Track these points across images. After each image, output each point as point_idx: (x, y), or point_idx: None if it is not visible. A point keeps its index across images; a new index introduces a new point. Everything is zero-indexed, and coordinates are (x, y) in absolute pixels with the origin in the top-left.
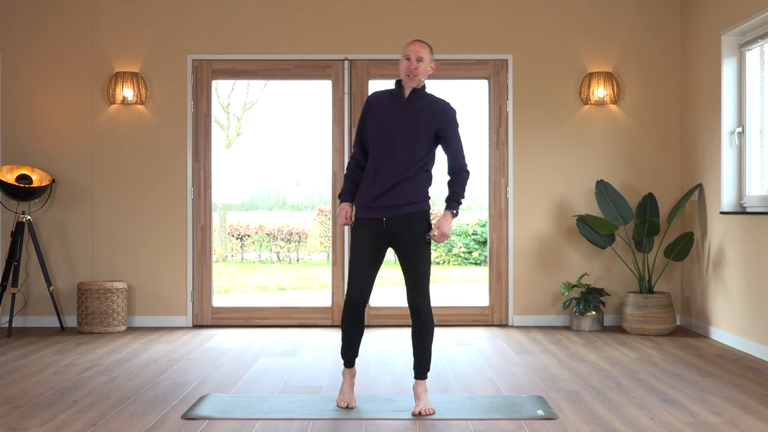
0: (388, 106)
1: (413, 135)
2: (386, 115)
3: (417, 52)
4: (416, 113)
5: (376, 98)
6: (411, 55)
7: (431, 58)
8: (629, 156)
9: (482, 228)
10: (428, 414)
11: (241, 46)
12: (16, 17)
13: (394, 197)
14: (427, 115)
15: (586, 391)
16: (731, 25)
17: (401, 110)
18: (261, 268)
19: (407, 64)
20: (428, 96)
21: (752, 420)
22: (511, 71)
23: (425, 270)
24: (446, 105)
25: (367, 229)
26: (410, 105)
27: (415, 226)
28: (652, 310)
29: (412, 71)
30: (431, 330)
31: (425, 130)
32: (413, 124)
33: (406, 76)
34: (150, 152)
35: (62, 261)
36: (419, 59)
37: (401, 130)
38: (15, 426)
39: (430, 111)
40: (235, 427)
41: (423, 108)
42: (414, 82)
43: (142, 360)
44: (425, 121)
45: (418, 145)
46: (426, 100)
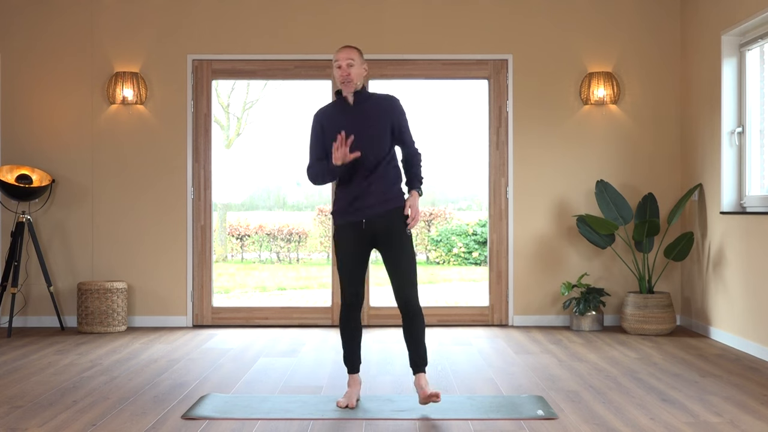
0: (338, 117)
1: (372, 135)
2: (340, 125)
3: (346, 57)
4: (367, 114)
5: (322, 113)
6: (341, 62)
7: (362, 60)
8: (629, 156)
9: (482, 228)
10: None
11: (241, 46)
12: (16, 17)
13: (370, 198)
14: (379, 113)
15: (586, 391)
16: (731, 25)
17: (352, 116)
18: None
19: (339, 72)
20: (372, 95)
21: (752, 420)
22: (511, 71)
23: (410, 263)
24: (392, 98)
25: (350, 233)
26: (358, 108)
27: (395, 222)
28: (652, 310)
29: (346, 77)
30: (422, 322)
31: (382, 127)
32: (368, 124)
33: (342, 83)
34: (150, 152)
35: (62, 261)
36: (350, 64)
37: (358, 134)
38: (15, 426)
39: (380, 108)
40: (235, 427)
41: (372, 107)
42: (351, 87)
43: (142, 360)
44: (379, 119)
45: (379, 143)
46: (372, 100)
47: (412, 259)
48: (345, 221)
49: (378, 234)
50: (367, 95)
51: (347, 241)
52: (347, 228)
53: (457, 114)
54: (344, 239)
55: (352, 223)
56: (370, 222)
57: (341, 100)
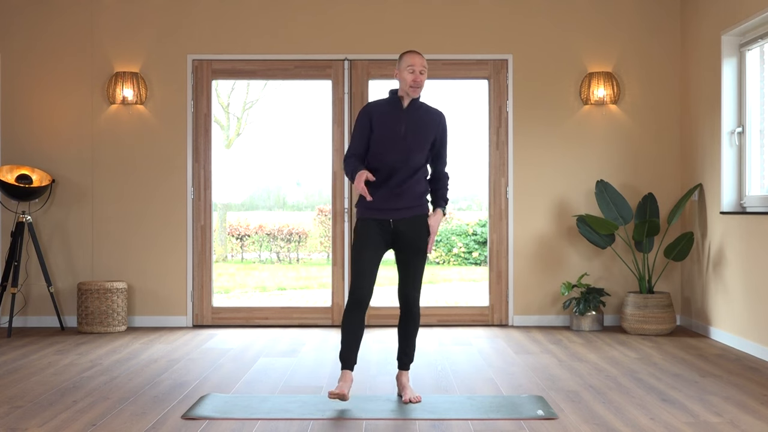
0: (391, 116)
1: (418, 144)
2: (391, 125)
3: (422, 63)
4: (419, 123)
5: (376, 107)
6: (417, 67)
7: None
8: (629, 156)
9: (482, 228)
10: (417, 401)
11: (241, 46)
12: (16, 17)
13: (403, 200)
14: (429, 125)
15: (586, 391)
16: (731, 25)
17: (405, 120)
18: (261, 268)
19: (413, 76)
20: (423, 105)
21: (752, 420)
22: (511, 71)
23: (422, 268)
24: (442, 115)
25: (375, 228)
26: (412, 115)
27: (419, 227)
28: (652, 310)
29: (418, 83)
30: (418, 324)
31: (427, 139)
32: (417, 133)
33: (411, 87)
34: (150, 152)
35: (62, 261)
36: (423, 71)
37: (407, 139)
38: (15, 426)
39: (430, 121)
40: (235, 427)
41: (423, 117)
42: (418, 94)
43: (142, 360)
44: (427, 131)
45: (421, 152)
46: (423, 110)
47: (424, 266)
48: (373, 217)
49: (401, 235)
50: (419, 104)
51: (369, 235)
52: (372, 223)
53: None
54: (366, 233)
55: (379, 220)
56: (398, 222)
57: (395, 100)
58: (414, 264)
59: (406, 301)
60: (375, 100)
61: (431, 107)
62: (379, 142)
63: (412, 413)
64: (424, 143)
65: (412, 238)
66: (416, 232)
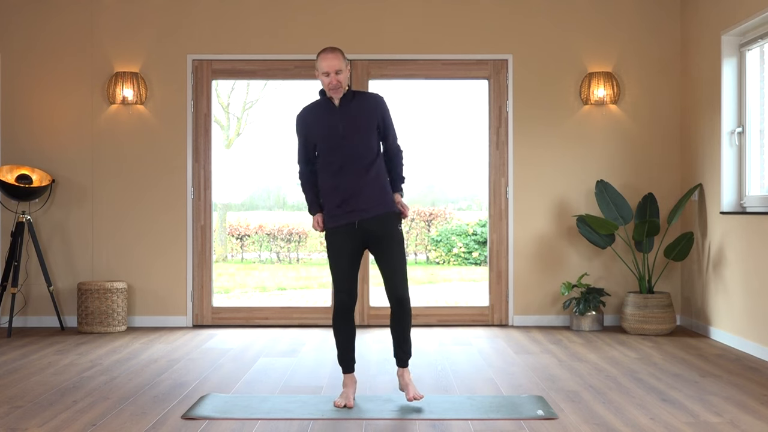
0: (325, 118)
1: (361, 138)
2: (328, 126)
3: (334, 66)
4: (356, 116)
5: (307, 114)
6: (329, 70)
7: (346, 62)
8: (629, 156)
9: (482, 228)
10: (419, 398)
11: (241, 46)
12: (16, 17)
13: (363, 201)
14: (366, 112)
15: (586, 391)
16: (731, 25)
17: (339, 117)
18: (261, 268)
19: (328, 80)
20: (357, 94)
21: (752, 420)
22: (511, 71)
23: (403, 260)
24: (377, 96)
25: (343, 235)
26: (345, 109)
27: (387, 223)
28: (652, 310)
29: (335, 86)
30: (410, 318)
31: (369, 126)
32: (357, 127)
33: (331, 90)
34: (150, 152)
35: (62, 261)
36: (338, 72)
37: (347, 135)
38: (15, 426)
39: (367, 107)
40: (235, 427)
41: (358, 107)
42: (340, 93)
43: (142, 360)
44: (367, 121)
45: (368, 142)
46: (357, 99)
47: (404, 257)
48: (337, 224)
49: (371, 235)
50: (352, 95)
51: (340, 242)
52: (341, 230)
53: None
54: (338, 241)
55: (345, 225)
56: (363, 223)
57: (326, 99)
58: (392, 259)
59: (395, 297)
60: (307, 105)
61: (366, 93)
62: (322, 145)
63: (412, 413)
64: (367, 135)
65: (382, 234)
66: (384, 228)
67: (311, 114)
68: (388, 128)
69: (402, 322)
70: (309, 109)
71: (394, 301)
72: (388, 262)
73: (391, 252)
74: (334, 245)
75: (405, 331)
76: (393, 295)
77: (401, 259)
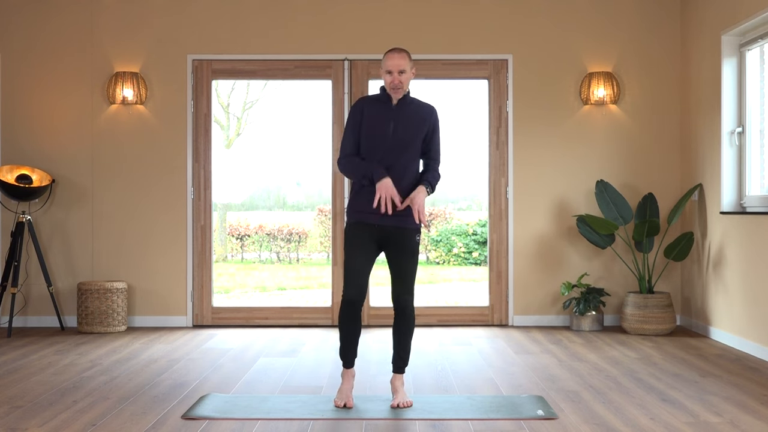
0: (380, 114)
1: (407, 142)
2: (380, 123)
3: (398, 65)
4: (408, 120)
5: (366, 104)
6: (393, 69)
7: (411, 64)
8: (629, 156)
9: (482, 228)
10: (406, 406)
11: (241, 46)
12: (16, 17)
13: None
14: (419, 121)
15: (586, 391)
16: (731, 25)
17: (393, 118)
18: (261, 268)
19: (390, 78)
20: (414, 101)
21: (752, 420)
22: (511, 71)
23: (414, 269)
24: (433, 109)
25: (364, 230)
26: (400, 111)
27: (407, 235)
28: (652, 310)
29: (397, 86)
30: (413, 327)
31: (418, 135)
32: (407, 130)
33: (392, 90)
34: (150, 152)
35: (62, 261)
36: (401, 72)
37: (396, 137)
38: (15, 426)
39: (420, 117)
40: (235, 427)
41: (413, 114)
42: (400, 95)
43: (142, 360)
44: (417, 127)
45: (411, 150)
46: (413, 106)
47: (415, 267)
48: (363, 221)
49: (390, 239)
50: (410, 100)
51: (360, 237)
52: (362, 225)
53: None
54: (357, 235)
55: (367, 223)
56: (384, 228)
57: (385, 97)
58: (404, 265)
59: (399, 304)
60: (367, 96)
61: (423, 102)
62: (368, 140)
63: (412, 413)
64: (413, 141)
65: (401, 239)
66: (402, 237)
67: (369, 105)
68: (434, 142)
69: (404, 331)
70: (368, 101)
71: (398, 306)
72: (399, 268)
73: (404, 259)
74: (354, 239)
75: (406, 340)
76: (397, 302)
77: (412, 268)
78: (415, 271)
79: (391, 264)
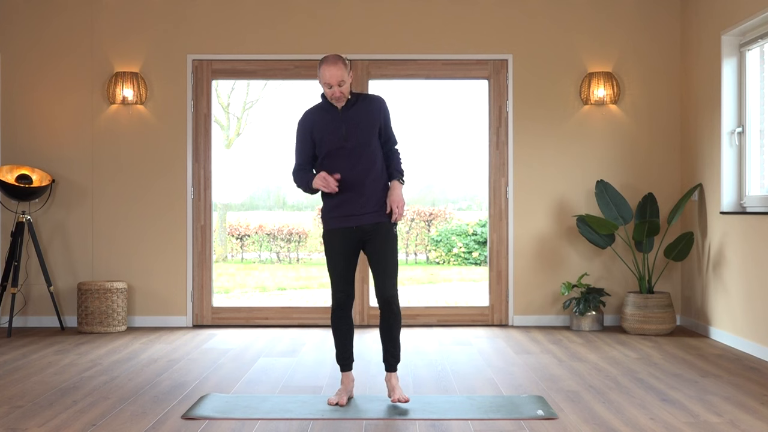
0: (328, 122)
1: (363, 142)
2: (331, 130)
3: (337, 77)
4: (359, 119)
5: (310, 118)
6: (332, 82)
7: (348, 70)
8: (629, 156)
9: (482, 228)
10: (405, 401)
11: (241, 46)
12: (16, 17)
13: (361, 206)
14: (369, 117)
15: (586, 391)
16: (731, 25)
17: (343, 122)
18: (261, 268)
19: (331, 92)
20: (359, 98)
21: (752, 420)
22: (511, 71)
23: (395, 262)
24: (380, 100)
25: (340, 236)
26: (348, 114)
27: (383, 228)
28: (652, 310)
29: (339, 97)
30: (400, 321)
31: (371, 129)
32: (360, 130)
33: (334, 101)
34: (150, 152)
35: (62, 261)
36: (341, 83)
37: (349, 138)
38: (15, 426)
39: (370, 112)
40: (235, 427)
41: (362, 111)
42: (343, 102)
43: (142, 360)
44: (369, 124)
45: (369, 146)
46: (360, 103)
47: (395, 259)
48: (335, 227)
49: (367, 237)
50: (354, 99)
51: (337, 243)
52: (337, 232)
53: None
54: (336, 242)
55: (342, 228)
56: (361, 228)
57: (328, 103)
58: (385, 261)
59: (384, 299)
60: (310, 108)
61: (368, 96)
62: (324, 148)
63: (412, 413)
64: (369, 139)
65: (377, 235)
66: (379, 231)
67: (314, 116)
68: (388, 130)
69: (391, 326)
70: (312, 112)
71: (382, 302)
72: (379, 263)
73: (383, 253)
74: (332, 246)
75: (394, 335)
76: (381, 296)
77: (392, 261)
78: (396, 264)
79: (373, 260)
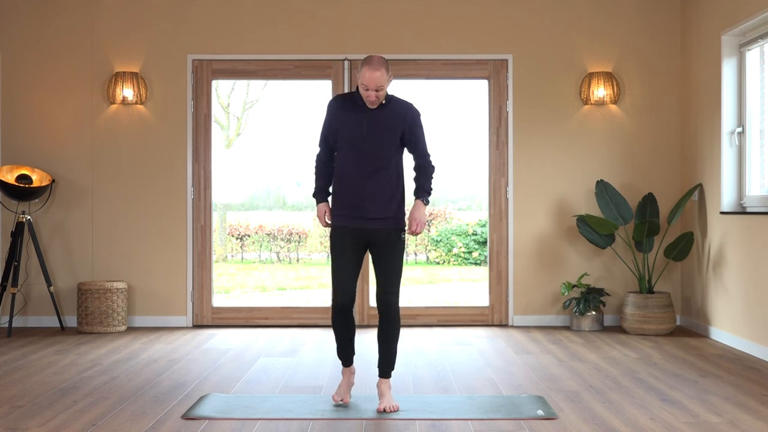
0: (353, 115)
1: (379, 144)
2: (352, 124)
3: (376, 83)
4: (382, 122)
5: (340, 103)
6: (370, 86)
7: (388, 76)
8: (629, 156)
9: (482, 228)
10: (392, 411)
11: (241, 46)
12: (16, 17)
13: (369, 207)
14: (393, 122)
15: (586, 391)
16: (731, 25)
17: (367, 119)
18: (261, 268)
19: (367, 94)
20: (391, 101)
21: (752, 420)
22: (511, 71)
23: (399, 267)
24: (411, 107)
25: (347, 236)
26: (375, 114)
27: (391, 235)
28: (652, 310)
29: (373, 102)
30: (398, 328)
31: (391, 132)
32: (378, 126)
33: (368, 103)
34: (150, 152)
35: (62, 261)
36: (378, 89)
37: (367, 137)
38: (15, 426)
39: (395, 114)
40: (235, 427)
41: (387, 112)
42: (375, 106)
43: (142, 360)
44: (390, 125)
45: (385, 148)
46: (390, 105)
47: (400, 265)
48: (343, 225)
49: (373, 240)
50: (387, 100)
51: (343, 241)
52: (346, 229)
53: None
54: (342, 242)
55: (346, 227)
56: (371, 230)
57: (361, 99)
58: (389, 266)
59: (384, 305)
60: (343, 94)
61: (401, 101)
62: (341, 140)
63: (412, 413)
64: (387, 142)
65: (384, 239)
66: (389, 238)
67: (343, 104)
68: (417, 141)
69: (387, 332)
70: (342, 99)
71: (382, 306)
72: (383, 267)
73: (387, 259)
74: (337, 243)
75: (391, 344)
76: (381, 301)
77: (395, 266)
78: (399, 270)
79: (376, 263)
